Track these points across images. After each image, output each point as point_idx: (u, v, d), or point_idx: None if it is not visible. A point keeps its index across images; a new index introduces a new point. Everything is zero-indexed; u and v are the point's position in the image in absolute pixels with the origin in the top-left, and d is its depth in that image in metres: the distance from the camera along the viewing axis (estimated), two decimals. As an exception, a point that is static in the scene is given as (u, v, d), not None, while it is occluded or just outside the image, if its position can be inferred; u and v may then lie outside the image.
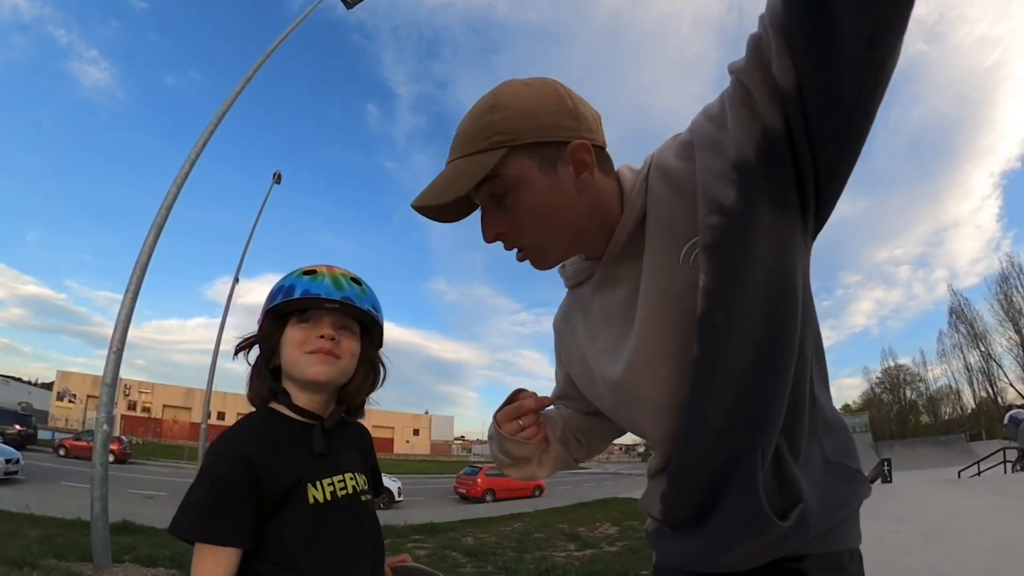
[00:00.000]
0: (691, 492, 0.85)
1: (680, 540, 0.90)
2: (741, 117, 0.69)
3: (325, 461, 1.01)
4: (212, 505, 0.88)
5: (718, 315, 0.73)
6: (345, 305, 1.03)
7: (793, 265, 0.74)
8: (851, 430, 0.94)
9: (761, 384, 0.75)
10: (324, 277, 1.03)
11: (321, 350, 1.00)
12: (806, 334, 0.78)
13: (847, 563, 0.85)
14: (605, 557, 7.02)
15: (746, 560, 0.83)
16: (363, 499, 1.06)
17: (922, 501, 9.93)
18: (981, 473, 17.68)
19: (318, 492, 0.97)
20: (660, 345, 0.80)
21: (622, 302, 0.86)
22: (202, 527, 0.88)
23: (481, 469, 20.35)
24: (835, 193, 0.74)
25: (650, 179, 0.82)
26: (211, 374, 13.56)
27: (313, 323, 1.02)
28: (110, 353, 5.61)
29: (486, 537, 8.86)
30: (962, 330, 47.41)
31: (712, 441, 0.79)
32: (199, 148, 6.85)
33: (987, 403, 45.27)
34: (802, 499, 0.78)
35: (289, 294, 1.01)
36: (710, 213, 0.72)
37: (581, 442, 1.09)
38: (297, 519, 0.94)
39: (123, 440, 25.71)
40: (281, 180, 15.89)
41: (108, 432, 5.47)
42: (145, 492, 13.91)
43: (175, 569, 5.22)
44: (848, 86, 0.62)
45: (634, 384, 0.85)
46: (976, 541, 5.87)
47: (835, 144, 0.67)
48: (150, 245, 6.14)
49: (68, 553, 5.42)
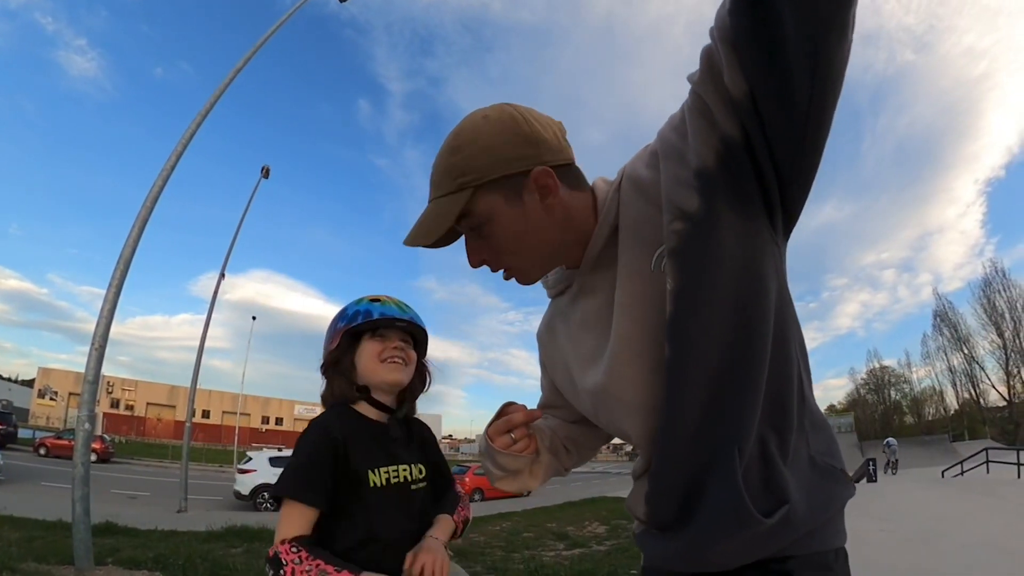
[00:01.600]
0: (673, 492, 0.86)
1: (666, 540, 0.91)
2: (700, 127, 0.72)
3: (384, 452, 1.24)
4: (304, 472, 1.13)
5: (687, 317, 0.76)
6: (410, 323, 1.30)
7: (761, 267, 0.75)
8: (836, 430, 0.94)
9: (734, 383, 0.77)
10: (390, 303, 1.31)
11: (395, 359, 1.26)
12: (791, 336, 0.81)
13: (833, 563, 0.85)
14: (594, 556, 7.00)
15: (732, 557, 0.83)
16: (414, 487, 1.27)
17: (907, 500, 10.05)
18: (964, 473, 17.95)
19: (377, 477, 1.20)
20: (636, 349, 0.83)
21: (599, 309, 0.90)
22: (292, 487, 1.12)
23: (469, 468, 20.34)
24: (801, 195, 0.76)
25: (622, 189, 0.86)
26: (195, 371, 13.33)
27: (385, 338, 1.28)
28: (92, 350, 5.50)
29: (474, 537, 8.81)
30: (946, 333, 48.41)
31: (690, 441, 0.80)
32: (186, 140, 6.74)
33: (970, 404, 46.17)
34: (788, 499, 0.78)
35: (367, 316, 1.27)
36: (674, 219, 0.75)
37: (570, 451, 1.12)
38: (360, 497, 1.17)
39: (105, 439, 25.40)
40: (269, 174, 15.64)
41: (90, 431, 5.35)
42: (128, 492, 13.77)
43: (158, 571, 5.13)
44: (799, 92, 0.63)
45: (614, 387, 0.87)
46: (961, 539, 5.94)
47: (794, 148, 0.69)
48: (134, 239, 6.03)
49: (49, 556, 5.31)
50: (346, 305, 1.33)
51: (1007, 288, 44.11)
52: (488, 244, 0.88)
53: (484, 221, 0.85)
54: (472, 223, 0.86)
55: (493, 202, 0.84)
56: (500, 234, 0.86)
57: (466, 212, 0.84)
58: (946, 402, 49.43)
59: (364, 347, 1.27)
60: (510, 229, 0.86)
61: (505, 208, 0.84)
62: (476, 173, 0.83)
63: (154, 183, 6.40)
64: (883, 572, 4.82)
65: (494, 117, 0.85)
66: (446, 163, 0.85)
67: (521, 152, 0.83)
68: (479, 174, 0.83)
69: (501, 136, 0.83)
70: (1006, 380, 43.25)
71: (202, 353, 13.45)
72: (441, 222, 0.84)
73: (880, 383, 55.59)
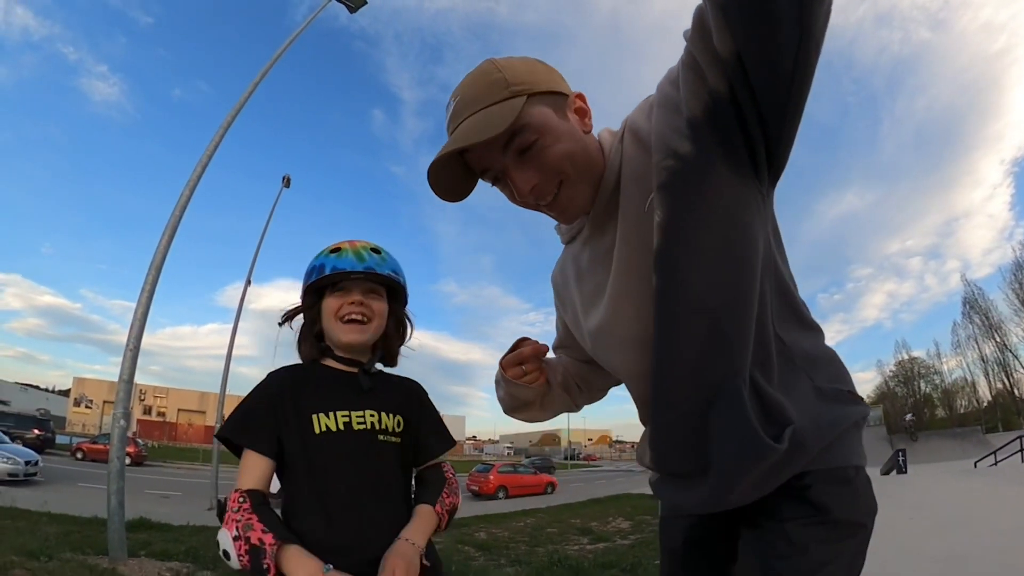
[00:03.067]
0: (676, 432, 0.87)
1: (686, 489, 0.92)
2: (690, 80, 0.75)
3: (343, 397, 1.15)
4: (241, 416, 1.10)
5: (673, 246, 0.79)
6: (369, 273, 1.17)
7: (747, 209, 0.78)
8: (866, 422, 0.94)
9: (727, 320, 0.79)
10: (347, 252, 1.18)
11: (353, 318, 1.16)
12: (764, 275, 0.83)
13: (853, 477, 0.85)
14: (618, 550, 6.98)
15: (752, 492, 0.84)
16: (382, 438, 1.14)
17: (938, 490, 9.81)
18: (998, 463, 17.44)
19: (330, 421, 1.10)
20: (632, 285, 0.87)
21: (604, 251, 0.93)
22: (225, 428, 1.10)
23: (493, 467, 20.34)
24: (785, 147, 0.79)
25: (624, 140, 0.89)
26: (224, 377, 13.58)
27: (344, 292, 1.17)
28: (127, 350, 5.65)
29: (499, 532, 8.84)
30: (976, 321, 46.26)
31: (687, 376, 0.83)
32: (210, 151, 6.89)
33: (1003, 395, 44.39)
34: (791, 421, 0.80)
35: (320, 272, 1.16)
36: (665, 157, 0.78)
37: (581, 388, 1.18)
38: (302, 445, 1.09)
39: (139, 443, 25.96)
40: (290, 184, 15.86)
41: (125, 427, 5.52)
42: (161, 492, 14.05)
43: (190, 563, 5.25)
44: (785, 54, 0.66)
45: (611, 323, 0.92)
46: (994, 525, 5.80)
47: (778, 105, 0.72)
48: (164, 245, 6.19)
49: (85, 547, 5.47)
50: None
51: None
52: (537, 163, 0.85)
53: (539, 134, 0.83)
54: (523, 140, 0.84)
55: (546, 113, 0.84)
56: (553, 147, 0.85)
57: (521, 122, 0.82)
58: (978, 393, 47.61)
59: (325, 304, 1.18)
60: (563, 142, 0.85)
61: (557, 120, 0.85)
62: (528, 84, 0.83)
63: (181, 193, 6.55)
64: (916, 558, 4.74)
65: (519, 57, 0.89)
66: (488, 79, 0.84)
67: (556, 78, 0.88)
68: (531, 85, 0.83)
69: (536, 65, 0.88)
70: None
71: (230, 359, 13.70)
72: (499, 122, 0.80)
73: (909, 375, 53.77)
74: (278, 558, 0.94)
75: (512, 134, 0.82)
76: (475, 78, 0.86)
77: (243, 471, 1.07)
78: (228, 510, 1.01)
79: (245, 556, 0.96)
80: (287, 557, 0.95)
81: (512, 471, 20.95)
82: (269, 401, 1.11)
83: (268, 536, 0.95)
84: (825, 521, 0.81)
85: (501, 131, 0.79)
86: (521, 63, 0.86)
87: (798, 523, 0.81)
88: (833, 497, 0.82)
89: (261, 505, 1.02)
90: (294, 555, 0.95)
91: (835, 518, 0.81)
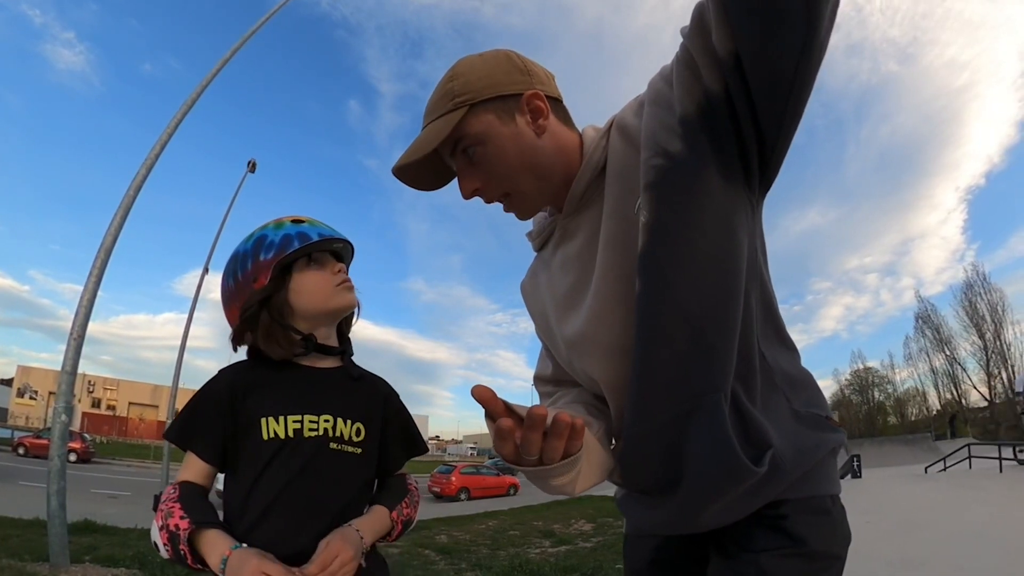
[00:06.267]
0: (649, 445, 0.82)
1: (652, 507, 0.88)
2: (684, 78, 0.73)
3: (299, 399, 1.03)
4: (185, 418, 1.02)
5: (657, 248, 0.75)
6: (346, 242, 1.14)
7: (735, 215, 0.75)
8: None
9: (711, 329, 0.75)
10: (313, 223, 1.10)
11: (347, 283, 1.09)
12: (751, 287, 0.80)
13: (831, 507, 0.83)
14: (580, 553, 6.99)
15: (724, 516, 0.80)
16: (334, 446, 1.04)
17: (892, 494, 10.15)
18: (947, 469, 18.21)
19: (279, 427, 1.00)
20: (614, 289, 0.82)
21: (579, 250, 0.89)
22: (169, 430, 1.04)
23: (455, 468, 20.23)
24: (779, 155, 0.77)
25: (611, 136, 0.87)
26: (177, 370, 13.06)
27: (319, 264, 1.09)
28: (71, 339, 5.34)
29: (460, 535, 8.77)
30: (928, 335, 49.48)
31: (666, 386, 0.78)
32: (171, 129, 6.60)
33: (952, 404, 47.03)
34: (771, 444, 0.76)
35: (305, 238, 1.05)
36: (654, 156, 0.75)
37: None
38: (249, 452, 1.00)
39: (86, 438, 24.96)
40: (256, 169, 15.39)
41: (67, 423, 5.21)
42: (109, 492, 13.51)
43: (137, 568, 5.01)
44: (788, 51, 0.64)
45: (591, 329, 0.86)
46: (947, 528, 5.99)
47: (776, 110, 0.69)
48: (116, 227, 5.84)
49: (24, 553, 5.17)
50: (256, 235, 1.08)
51: (988, 292, 45.27)
52: (482, 169, 0.87)
53: (478, 142, 0.85)
54: (466, 144, 0.85)
55: (486, 121, 0.84)
56: (493, 155, 0.86)
57: (460, 132, 0.84)
58: (928, 402, 50.47)
59: (302, 278, 1.05)
60: (502, 148, 0.85)
61: (499, 126, 0.85)
62: (471, 94, 0.84)
63: (138, 171, 6.23)
64: (871, 562, 4.85)
65: (489, 55, 0.89)
66: (443, 90, 0.86)
67: (514, 77, 0.86)
68: (474, 94, 0.84)
69: (496, 65, 0.86)
70: (987, 381, 44.16)
71: (184, 350, 13.23)
72: (434, 137, 0.83)
73: (864, 384, 56.58)
74: (194, 542, 0.92)
75: (455, 142, 0.85)
76: (438, 86, 0.87)
77: (184, 466, 1.03)
78: (161, 500, 0.97)
79: (168, 545, 0.92)
80: (203, 541, 0.92)
81: (475, 472, 20.88)
82: (217, 403, 1.02)
83: (184, 522, 0.92)
84: (801, 553, 0.78)
85: (430, 150, 0.83)
86: (483, 64, 0.86)
87: (773, 555, 0.78)
88: (811, 528, 0.79)
89: (189, 494, 0.98)
90: (210, 538, 0.92)
91: (812, 550, 0.78)
